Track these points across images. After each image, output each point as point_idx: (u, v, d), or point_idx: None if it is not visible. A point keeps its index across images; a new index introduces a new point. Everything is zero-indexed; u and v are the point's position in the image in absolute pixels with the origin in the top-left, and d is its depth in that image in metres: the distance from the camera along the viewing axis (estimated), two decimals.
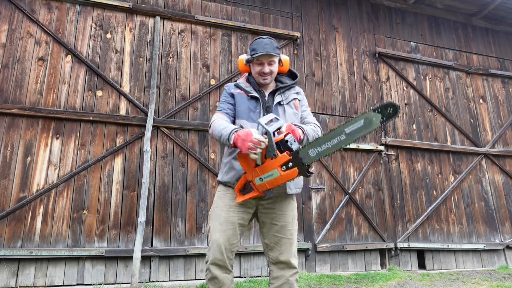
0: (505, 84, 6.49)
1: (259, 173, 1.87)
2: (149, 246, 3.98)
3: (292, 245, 2.12)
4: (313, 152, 1.79)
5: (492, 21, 6.63)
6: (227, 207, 2.10)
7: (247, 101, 2.18)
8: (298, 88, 2.33)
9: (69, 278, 3.69)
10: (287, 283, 2.07)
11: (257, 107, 2.15)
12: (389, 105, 1.63)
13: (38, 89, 4.01)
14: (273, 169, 1.83)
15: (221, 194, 2.16)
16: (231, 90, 2.24)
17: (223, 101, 2.24)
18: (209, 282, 2.03)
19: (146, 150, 4.07)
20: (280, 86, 2.23)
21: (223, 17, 4.97)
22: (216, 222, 2.07)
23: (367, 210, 4.99)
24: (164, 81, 4.50)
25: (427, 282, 4.26)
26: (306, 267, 4.54)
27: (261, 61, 2.14)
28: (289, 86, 2.26)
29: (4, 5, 4.09)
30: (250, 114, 2.13)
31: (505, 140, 6.13)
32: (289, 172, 1.81)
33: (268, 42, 2.15)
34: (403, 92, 5.73)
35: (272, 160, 1.83)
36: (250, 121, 2.11)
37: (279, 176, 1.83)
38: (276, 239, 2.11)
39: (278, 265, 2.11)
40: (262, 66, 2.15)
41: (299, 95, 2.30)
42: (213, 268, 2.01)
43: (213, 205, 2.17)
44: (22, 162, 3.80)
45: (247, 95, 2.19)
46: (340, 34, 5.60)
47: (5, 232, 3.60)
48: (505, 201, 5.81)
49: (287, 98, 2.22)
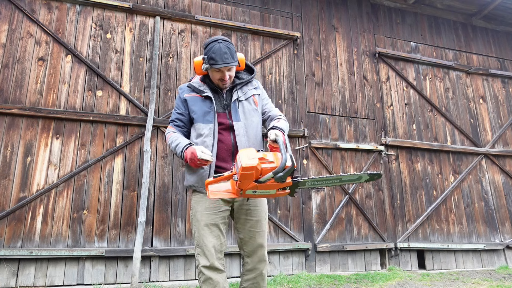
0: (505, 84, 6.49)
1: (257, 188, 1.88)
2: (149, 246, 3.98)
3: (265, 239, 2.23)
4: (309, 183, 1.94)
5: (492, 21, 6.63)
6: (207, 211, 2.13)
7: (201, 102, 2.18)
8: (256, 83, 2.32)
9: (69, 278, 3.69)
10: (260, 276, 2.20)
11: (212, 107, 2.16)
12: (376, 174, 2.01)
13: (38, 89, 4.02)
14: (274, 189, 1.89)
15: (197, 199, 2.19)
16: (183, 95, 2.24)
17: (175, 111, 2.25)
18: (204, 283, 2.06)
19: (146, 150, 4.07)
20: (237, 83, 2.23)
21: (223, 17, 4.97)
22: (200, 227, 2.11)
23: (367, 210, 4.99)
24: (164, 81, 4.50)
25: (427, 282, 4.26)
26: (306, 267, 4.54)
27: (221, 70, 2.10)
28: (246, 81, 2.26)
29: (4, 5, 4.09)
30: (205, 116, 2.15)
31: (505, 140, 6.13)
32: (284, 192, 1.91)
33: (226, 51, 2.06)
34: (403, 92, 5.73)
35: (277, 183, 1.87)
36: (206, 123, 2.14)
37: (273, 194, 1.91)
38: (251, 234, 2.19)
39: (253, 258, 2.20)
40: (222, 73, 2.12)
41: (258, 90, 2.30)
42: (206, 270, 2.05)
43: (192, 211, 2.20)
44: (22, 162, 3.80)
45: (200, 95, 2.19)
46: (340, 34, 5.60)
47: (5, 232, 3.60)
48: (505, 201, 5.81)
49: (245, 94, 2.23)
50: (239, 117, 2.17)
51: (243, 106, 2.20)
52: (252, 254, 2.21)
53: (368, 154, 5.22)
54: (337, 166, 5.02)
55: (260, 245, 2.20)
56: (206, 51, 2.10)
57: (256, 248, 2.20)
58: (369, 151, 5.22)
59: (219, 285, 2.05)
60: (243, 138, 2.14)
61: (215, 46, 2.07)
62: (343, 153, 5.10)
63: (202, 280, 2.07)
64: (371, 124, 5.38)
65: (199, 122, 2.15)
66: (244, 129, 2.16)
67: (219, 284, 2.05)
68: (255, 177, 1.83)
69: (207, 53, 2.09)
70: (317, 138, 5.02)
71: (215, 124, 2.14)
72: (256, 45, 5.04)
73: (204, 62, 2.09)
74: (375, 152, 5.25)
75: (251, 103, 2.23)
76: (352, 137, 5.22)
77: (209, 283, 2.05)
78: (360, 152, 5.19)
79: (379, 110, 5.48)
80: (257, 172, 1.81)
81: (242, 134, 2.15)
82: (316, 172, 4.89)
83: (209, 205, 2.13)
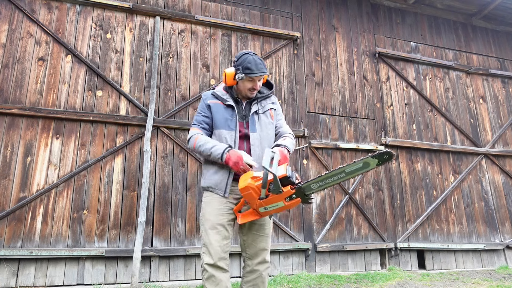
0: (505, 84, 6.49)
1: (263, 204, 2.03)
2: (149, 246, 3.98)
3: (268, 242, 2.32)
4: (315, 185, 1.99)
5: (492, 21, 6.63)
6: (216, 211, 2.22)
7: (224, 110, 2.32)
8: (274, 98, 2.50)
9: (69, 278, 3.69)
10: (260, 277, 2.27)
11: (233, 115, 2.30)
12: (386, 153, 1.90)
13: (38, 89, 4.02)
14: (279, 201, 2.00)
15: (207, 200, 2.29)
16: (207, 101, 2.36)
17: (199, 113, 2.37)
18: (206, 281, 2.13)
19: (146, 150, 4.07)
20: (257, 96, 2.38)
21: (223, 17, 4.97)
22: (207, 226, 2.20)
23: (367, 210, 4.99)
24: (164, 81, 4.50)
25: (427, 282, 4.26)
26: (306, 267, 4.54)
27: (254, 79, 2.28)
28: (266, 96, 2.42)
29: (4, 5, 4.09)
30: (228, 122, 2.28)
31: (505, 140, 6.13)
32: (293, 201, 2.00)
33: (260, 62, 2.27)
34: (403, 92, 5.73)
35: (278, 195, 1.98)
36: (228, 129, 2.27)
37: (283, 206, 2.02)
38: (254, 237, 2.28)
39: (254, 260, 2.28)
40: (254, 83, 2.29)
41: (275, 105, 2.47)
42: (210, 268, 2.12)
43: (202, 211, 2.30)
44: (22, 162, 3.80)
45: (223, 103, 2.33)
46: (340, 34, 5.60)
47: (5, 232, 3.60)
48: (505, 201, 5.81)
49: (263, 107, 2.39)
50: (255, 128, 2.31)
51: (260, 118, 2.35)
52: (254, 257, 2.29)
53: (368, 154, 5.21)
54: (337, 166, 5.01)
55: (263, 248, 2.29)
56: (240, 62, 2.27)
57: (258, 251, 2.28)
58: (369, 151, 5.22)
59: (221, 283, 2.11)
60: (257, 149, 2.27)
61: (248, 57, 2.26)
62: (343, 153, 5.10)
63: (205, 278, 2.13)
64: (371, 124, 5.38)
65: (222, 128, 2.28)
66: (259, 140, 2.30)
67: (222, 282, 2.11)
68: (256, 195, 2.00)
69: (241, 63, 2.26)
70: (317, 138, 5.02)
71: (236, 131, 2.27)
72: (256, 45, 5.04)
73: (239, 72, 2.25)
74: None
75: (268, 117, 2.38)
76: (352, 137, 5.22)
77: (212, 281, 2.10)
78: (360, 152, 5.19)
79: (379, 110, 5.48)
80: (254, 190, 1.98)
81: (257, 144, 2.28)
82: (316, 172, 4.89)
83: (218, 206, 2.23)
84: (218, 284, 2.10)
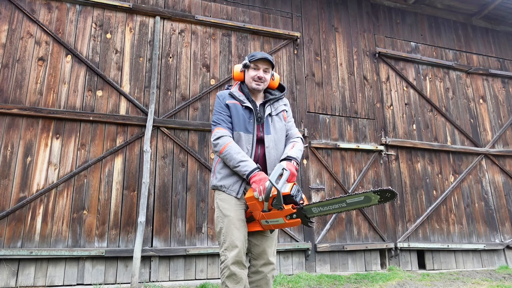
0: (505, 84, 6.49)
1: (265, 217, 2.07)
2: (149, 246, 3.98)
3: (273, 244, 2.32)
4: (316, 210, 2.01)
5: (492, 21, 6.63)
6: (234, 207, 2.20)
7: (242, 111, 2.31)
8: (286, 100, 2.52)
9: (69, 278, 3.69)
10: (264, 279, 2.25)
11: (251, 117, 2.30)
12: (388, 191, 1.84)
13: (38, 89, 4.02)
14: (279, 217, 2.04)
15: (222, 197, 2.25)
16: (226, 101, 2.35)
17: (220, 112, 2.34)
18: (227, 279, 2.10)
19: (146, 150, 4.07)
20: (270, 98, 2.41)
21: (223, 17, 4.97)
22: (228, 222, 2.17)
23: (367, 210, 4.99)
24: (164, 81, 4.50)
25: (427, 282, 4.26)
26: (306, 267, 4.54)
27: (258, 66, 2.31)
28: (278, 97, 2.44)
29: (4, 5, 4.09)
30: (246, 125, 2.28)
31: (505, 140, 6.13)
32: (294, 221, 2.03)
33: (265, 53, 2.37)
34: (403, 92, 5.73)
35: (279, 211, 2.02)
36: (247, 132, 2.26)
37: (284, 223, 2.05)
38: (260, 237, 2.28)
39: (259, 261, 2.27)
40: (258, 71, 2.31)
41: (287, 107, 2.49)
42: (233, 266, 2.09)
43: (218, 209, 2.26)
44: (22, 162, 3.80)
45: (241, 104, 2.32)
46: (340, 34, 5.60)
47: (5, 232, 3.60)
48: (505, 201, 5.81)
49: (276, 109, 2.40)
50: (270, 131, 2.31)
51: (274, 120, 2.36)
52: (258, 257, 2.28)
53: (368, 154, 5.22)
54: (337, 166, 5.02)
55: (268, 249, 2.28)
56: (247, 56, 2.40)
57: (263, 252, 2.27)
58: (369, 151, 5.22)
59: (242, 281, 2.10)
60: (272, 151, 2.27)
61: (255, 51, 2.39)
62: (343, 153, 5.10)
63: (226, 275, 2.10)
64: (371, 124, 5.38)
65: (240, 130, 2.26)
66: (274, 142, 2.30)
67: (242, 280, 2.10)
68: (260, 207, 2.04)
69: (247, 56, 2.36)
70: (317, 138, 5.02)
71: (254, 134, 2.27)
72: (256, 45, 5.04)
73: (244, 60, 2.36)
74: (375, 152, 5.25)
75: (281, 119, 2.40)
76: (352, 137, 5.22)
77: (233, 279, 2.09)
78: (360, 152, 5.19)
79: (379, 110, 5.48)
80: (258, 202, 2.03)
81: (272, 147, 2.28)
82: (316, 172, 4.89)
83: (236, 201, 2.21)
84: (238, 282, 2.08)
